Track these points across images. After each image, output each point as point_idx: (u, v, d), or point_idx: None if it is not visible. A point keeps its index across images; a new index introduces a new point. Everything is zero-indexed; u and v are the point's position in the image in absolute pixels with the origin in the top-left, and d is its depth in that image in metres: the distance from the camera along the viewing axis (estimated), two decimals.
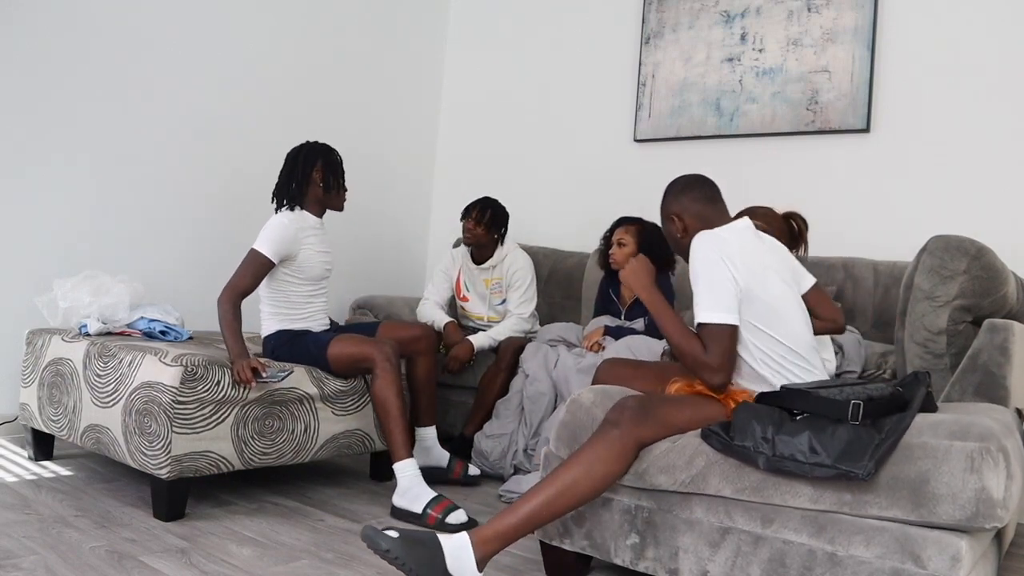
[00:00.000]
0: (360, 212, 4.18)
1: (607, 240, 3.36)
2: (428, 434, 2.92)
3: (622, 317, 3.31)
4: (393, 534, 1.68)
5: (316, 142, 2.84)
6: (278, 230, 2.66)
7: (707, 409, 1.89)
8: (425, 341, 2.93)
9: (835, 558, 1.61)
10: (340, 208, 2.89)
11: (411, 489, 2.51)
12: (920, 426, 1.61)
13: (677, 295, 3.28)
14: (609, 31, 4.10)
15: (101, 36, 3.31)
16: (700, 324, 1.87)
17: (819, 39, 3.41)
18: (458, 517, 2.44)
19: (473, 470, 2.94)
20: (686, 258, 2.02)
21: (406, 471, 2.53)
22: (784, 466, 1.63)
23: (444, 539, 1.71)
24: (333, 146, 2.85)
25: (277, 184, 2.80)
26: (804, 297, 2.11)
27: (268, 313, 2.77)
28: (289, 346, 2.70)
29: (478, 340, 3.36)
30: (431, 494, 2.48)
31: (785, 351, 1.91)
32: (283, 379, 2.54)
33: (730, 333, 1.86)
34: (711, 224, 2.02)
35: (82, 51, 3.26)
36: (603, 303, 3.44)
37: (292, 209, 2.75)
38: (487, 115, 4.57)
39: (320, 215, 2.84)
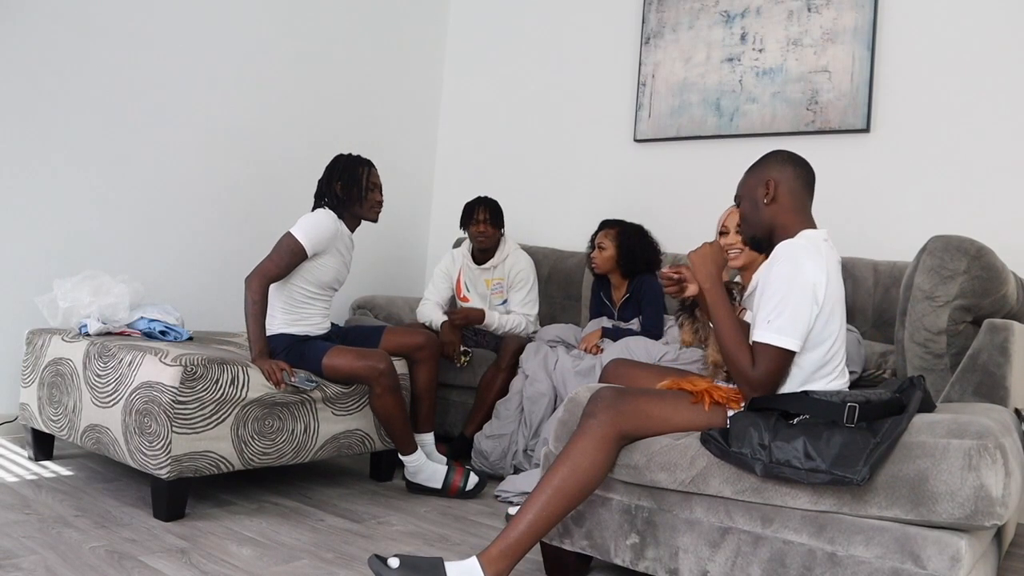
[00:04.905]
0: None
1: (592, 243, 3.36)
2: (426, 440, 2.92)
3: (615, 317, 3.31)
4: (394, 563, 1.69)
5: (349, 155, 2.86)
6: (320, 225, 2.68)
7: (686, 404, 1.87)
8: (428, 350, 2.94)
9: (835, 558, 1.61)
10: (373, 219, 2.89)
11: (424, 469, 2.77)
12: (918, 425, 1.61)
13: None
14: (609, 31, 4.10)
15: (101, 37, 3.31)
16: (760, 341, 1.78)
17: (819, 39, 3.41)
18: (473, 480, 2.78)
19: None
20: (756, 229, 1.94)
21: (415, 460, 2.77)
22: (781, 472, 1.63)
23: (451, 567, 1.70)
24: (367, 157, 2.88)
25: (316, 193, 2.84)
26: None
27: (270, 308, 2.74)
28: (286, 354, 2.68)
29: (490, 315, 3.43)
30: (444, 468, 2.78)
31: (813, 365, 1.83)
32: (313, 388, 2.60)
33: (787, 358, 1.78)
34: (800, 212, 1.91)
35: (82, 52, 3.26)
36: (596, 305, 3.45)
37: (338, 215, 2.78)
38: (487, 115, 4.57)
39: (353, 229, 2.87)
